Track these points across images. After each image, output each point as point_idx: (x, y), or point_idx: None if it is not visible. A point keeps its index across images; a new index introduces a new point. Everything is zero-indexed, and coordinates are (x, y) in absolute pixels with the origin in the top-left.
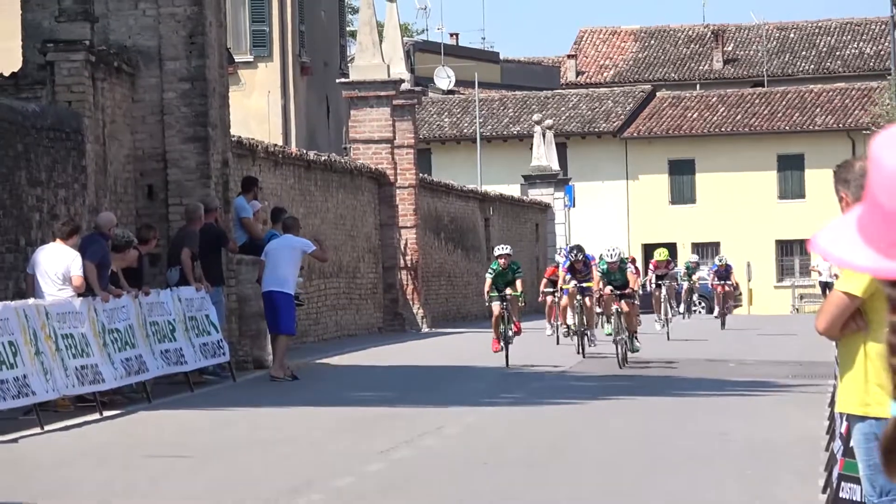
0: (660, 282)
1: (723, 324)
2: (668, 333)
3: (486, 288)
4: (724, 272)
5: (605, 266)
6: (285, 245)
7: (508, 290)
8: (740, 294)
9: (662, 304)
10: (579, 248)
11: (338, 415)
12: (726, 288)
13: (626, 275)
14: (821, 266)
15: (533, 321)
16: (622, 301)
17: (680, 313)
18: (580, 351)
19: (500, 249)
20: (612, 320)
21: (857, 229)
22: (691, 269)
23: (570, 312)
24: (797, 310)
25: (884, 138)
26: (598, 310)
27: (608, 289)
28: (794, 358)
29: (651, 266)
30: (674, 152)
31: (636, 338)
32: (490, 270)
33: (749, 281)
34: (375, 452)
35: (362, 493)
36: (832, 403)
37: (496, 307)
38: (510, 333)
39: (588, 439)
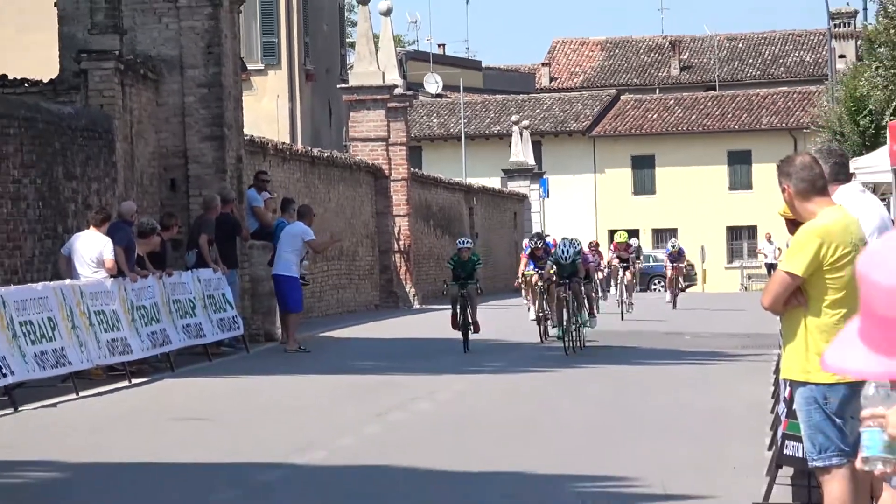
0: (623, 264)
1: (674, 304)
2: (622, 314)
3: (448, 279)
4: (676, 255)
5: (556, 260)
6: (287, 233)
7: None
8: (695, 274)
9: (620, 286)
10: (539, 236)
11: (339, 382)
12: (678, 270)
13: (577, 266)
14: (766, 249)
15: (508, 300)
16: (567, 287)
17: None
18: (542, 337)
19: (461, 243)
20: (557, 314)
21: (861, 340)
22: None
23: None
24: (745, 288)
25: (868, 258)
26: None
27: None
28: (743, 331)
29: (612, 248)
30: (636, 149)
31: (592, 313)
32: (450, 261)
33: (703, 263)
34: (373, 415)
35: (361, 452)
36: (777, 371)
37: (454, 292)
38: (469, 321)
39: (563, 405)
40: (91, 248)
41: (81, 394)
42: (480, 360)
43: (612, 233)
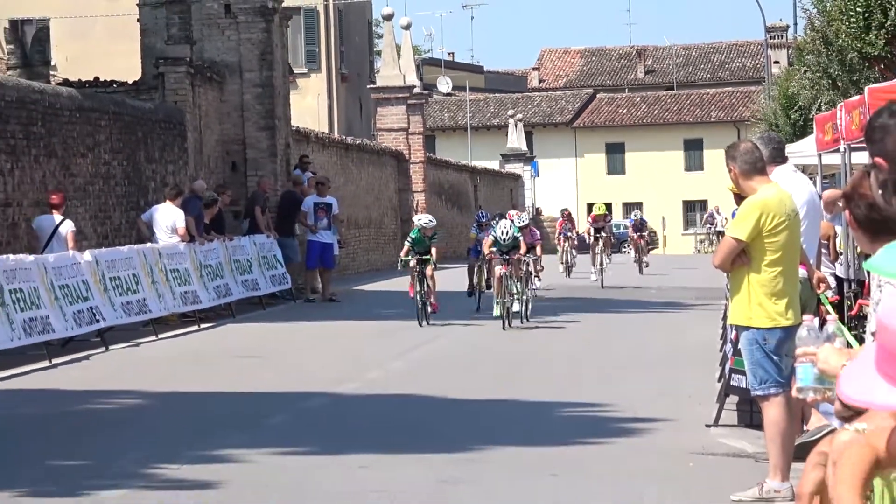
0: (597, 234)
1: (640, 270)
2: (601, 282)
3: (403, 253)
4: (639, 225)
5: (498, 236)
6: (307, 206)
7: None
8: (656, 238)
9: (598, 256)
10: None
11: (369, 326)
12: (641, 239)
13: (518, 242)
14: (716, 219)
15: None
16: (506, 264)
17: (609, 261)
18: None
19: (422, 221)
20: (497, 293)
21: (881, 376)
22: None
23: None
24: (698, 251)
25: (889, 309)
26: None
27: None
28: (697, 285)
29: (589, 219)
30: (609, 137)
31: (531, 281)
32: (409, 238)
33: (664, 230)
34: (396, 353)
35: (387, 383)
36: (724, 318)
37: (412, 264)
38: (426, 292)
39: (552, 346)
40: (167, 217)
41: (160, 336)
42: (485, 310)
43: (590, 205)
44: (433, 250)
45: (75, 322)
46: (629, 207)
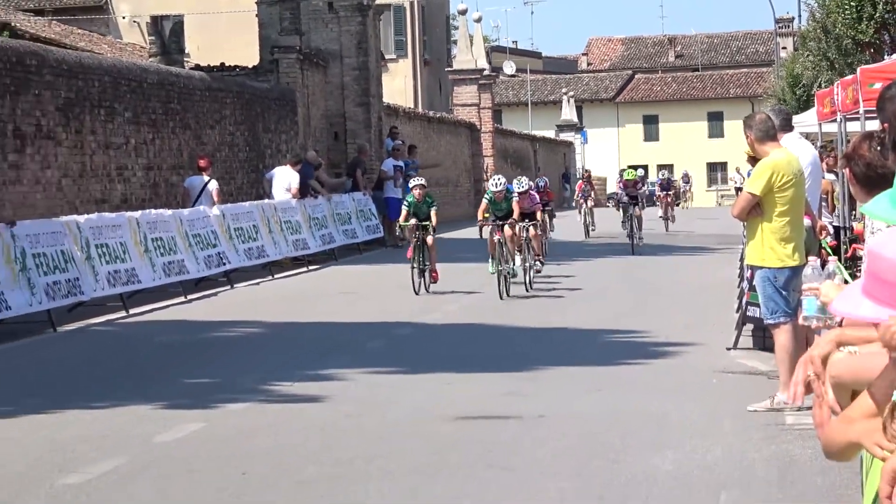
0: (633, 201)
1: (666, 227)
2: (632, 248)
3: (402, 219)
4: (666, 184)
5: (491, 195)
6: (386, 166)
7: (432, 216)
8: (684, 195)
9: (628, 222)
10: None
11: (448, 268)
12: (668, 197)
13: (512, 204)
14: (734, 177)
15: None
16: (502, 230)
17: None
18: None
19: (414, 181)
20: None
21: (866, 297)
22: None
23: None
24: (719, 204)
25: (879, 240)
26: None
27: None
28: (718, 232)
29: (620, 185)
30: (645, 111)
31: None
32: (406, 202)
33: (690, 187)
34: (468, 290)
35: (461, 315)
36: (741, 259)
37: (410, 234)
38: (426, 262)
39: (593, 282)
40: (284, 179)
41: (275, 276)
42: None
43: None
44: (433, 214)
45: (206, 265)
46: (662, 168)
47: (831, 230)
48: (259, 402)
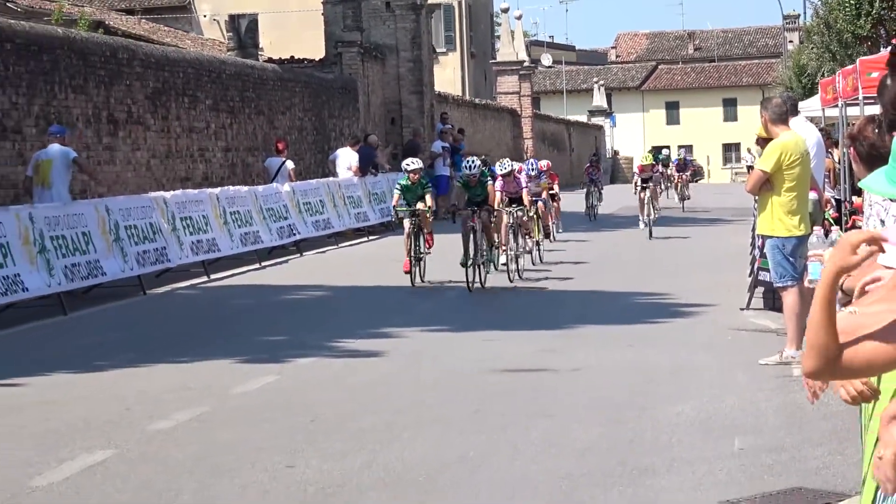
0: (644, 184)
1: (683, 207)
2: (650, 232)
3: (394, 202)
4: (682, 164)
5: (464, 179)
6: (436, 147)
7: (420, 205)
8: (699, 174)
9: (646, 206)
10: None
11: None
12: (684, 177)
13: (486, 188)
14: (746, 157)
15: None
16: (478, 216)
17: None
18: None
19: (410, 164)
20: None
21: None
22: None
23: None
24: (733, 181)
25: None
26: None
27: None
28: (732, 206)
29: (636, 169)
30: (668, 98)
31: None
32: (398, 185)
33: (708, 165)
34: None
35: (500, 280)
36: (753, 229)
37: (407, 224)
38: (421, 250)
39: (620, 251)
40: (346, 159)
41: (339, 245)
42: (575, 222)
43: (653, 148)
44: (428, 197)
45: (278, 235)
46: (682, 149)
47: (834, 203)
48: (325, 356)
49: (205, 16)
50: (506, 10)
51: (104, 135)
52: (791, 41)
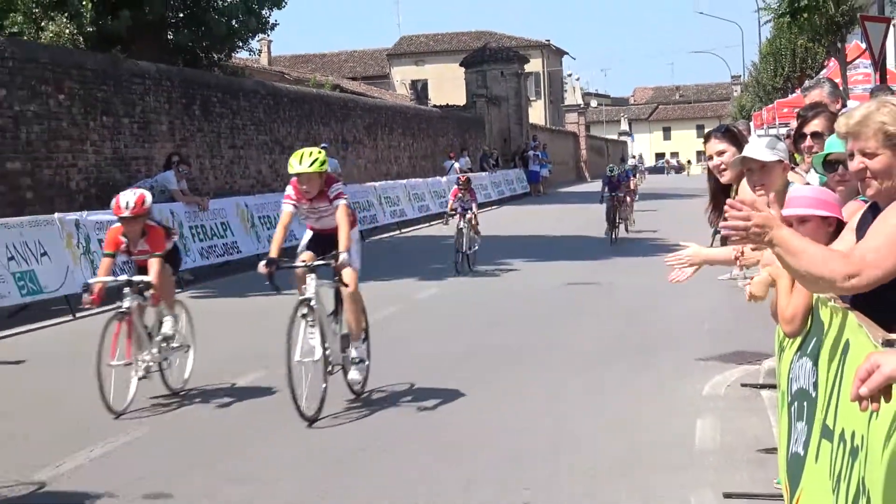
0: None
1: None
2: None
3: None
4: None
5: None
6: (536, 154)
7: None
8: (689, 165)
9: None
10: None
11: (557, 209)
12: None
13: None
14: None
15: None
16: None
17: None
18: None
19: (452, 164)
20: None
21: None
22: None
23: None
24: (702, 172)
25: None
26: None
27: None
28: (702, 186)
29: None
30: (664, 125)
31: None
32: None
33: (688, 165)
34: (555, 220)
35: (556, 232)
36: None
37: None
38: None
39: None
40: (456, 165)
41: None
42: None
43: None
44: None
45: (391, 216)
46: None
47: None
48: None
49: (397, 80)
50: (570, 76)
51: (340, 150)
52: (735, 91)
